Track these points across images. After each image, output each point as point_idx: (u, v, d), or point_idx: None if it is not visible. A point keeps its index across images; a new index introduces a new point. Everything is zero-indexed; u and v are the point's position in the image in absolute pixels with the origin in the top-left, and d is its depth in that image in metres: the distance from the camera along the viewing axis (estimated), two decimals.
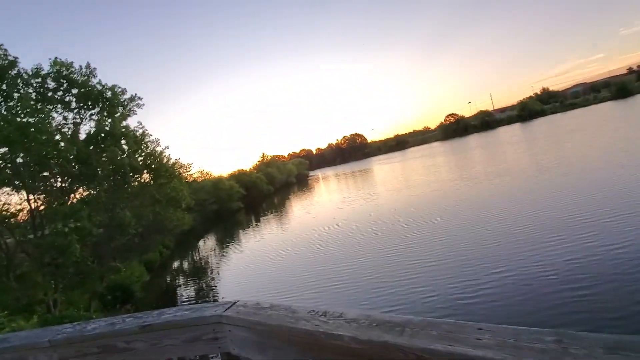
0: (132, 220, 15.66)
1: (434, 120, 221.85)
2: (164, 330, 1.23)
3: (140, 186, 18.70)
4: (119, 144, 16.35)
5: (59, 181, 15.18)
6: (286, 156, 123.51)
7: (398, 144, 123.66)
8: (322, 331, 0.89)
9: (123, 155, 16.54)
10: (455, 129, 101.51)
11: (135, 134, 17.77)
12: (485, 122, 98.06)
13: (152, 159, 18.73)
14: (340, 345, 0.84)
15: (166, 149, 20.31)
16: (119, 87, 16.82)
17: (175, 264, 23.47)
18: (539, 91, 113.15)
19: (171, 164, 20.63)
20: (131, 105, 17.65)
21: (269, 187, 57.05)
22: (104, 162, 15.67)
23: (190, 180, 32.46)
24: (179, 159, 22.19)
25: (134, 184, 18.18)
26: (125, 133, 16.56)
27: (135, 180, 18.17)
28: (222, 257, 20.79)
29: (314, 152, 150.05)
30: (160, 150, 19.60)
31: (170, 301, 15.27)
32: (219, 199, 40.66)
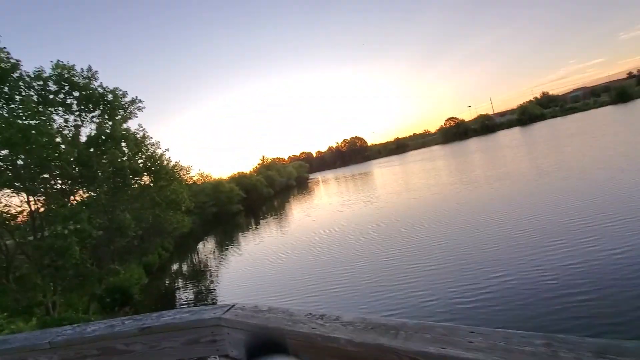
0: (132, 223, 15.71)
1: (434, 124, 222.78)
2: (163, 332, 1.24)
3: (140, 188, 18.76)
4: (119, 146, 16.43)
5: (59, 183, 15.20)
6: (286, 159, 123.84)
7: (398, 147, 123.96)
8: (319, 334, 0.90)
9: (123, 157, 16.62)
10: (456, 132, 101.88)
11: (136, 136, 17.88)
12: (485, 126, 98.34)
13: (153, 162, 18.83)
14: (337, 347, 0.86)
15: (166, 151, 20.47)
16: (120, 90, 16.96)
17: (175, 267, 23.40)
18: (539, 95, 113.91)
19: (171, 166, 20.74)
20: (132, 108, 17.79)
21: (269, 190, 57.09)
22: (104, 165, 15.73)
23: (190, 182, 32.55)
24: (179, 162, 22.32)
25: (134, 187, 18.24)
26: (125, 135, 16.65)
27: (135, 182, 18.24)
28: (222, 260, 20.75)
29: (314, 155, 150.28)
30: (160, 153, 19.73)
31: (169, 304, 15.22)
32: (219, 201, 40.66)
